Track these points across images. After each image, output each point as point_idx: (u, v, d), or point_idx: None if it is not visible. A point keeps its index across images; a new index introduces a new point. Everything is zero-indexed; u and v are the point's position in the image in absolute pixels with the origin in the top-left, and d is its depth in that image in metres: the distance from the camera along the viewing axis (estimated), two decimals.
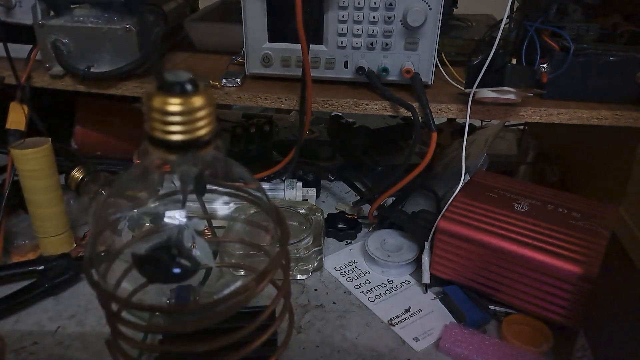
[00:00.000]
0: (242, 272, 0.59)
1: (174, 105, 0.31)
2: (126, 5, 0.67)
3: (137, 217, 0.47)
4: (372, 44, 0.63)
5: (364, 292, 0.63)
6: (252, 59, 0.67)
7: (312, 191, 0.78)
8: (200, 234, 0.37)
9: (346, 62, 0.65)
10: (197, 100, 0.31)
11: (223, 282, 0.53)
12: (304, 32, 0.59)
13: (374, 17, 0.62)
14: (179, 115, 0.31)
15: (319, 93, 0.65)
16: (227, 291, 0.35)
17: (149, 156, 0.34)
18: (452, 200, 0.63)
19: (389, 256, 0.66)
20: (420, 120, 0.63)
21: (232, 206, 0.51)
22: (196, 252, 0.37)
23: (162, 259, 0.35)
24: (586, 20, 0.62)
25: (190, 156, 0.33)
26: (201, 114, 0.32)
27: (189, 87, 0.31)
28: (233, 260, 0.60)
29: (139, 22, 0.62)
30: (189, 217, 0.37)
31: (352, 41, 0.64)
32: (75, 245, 0.67)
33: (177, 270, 0.35)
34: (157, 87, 0.31)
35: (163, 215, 0.40)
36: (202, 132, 0.32)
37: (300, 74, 0.62)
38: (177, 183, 0.36)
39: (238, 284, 0.36)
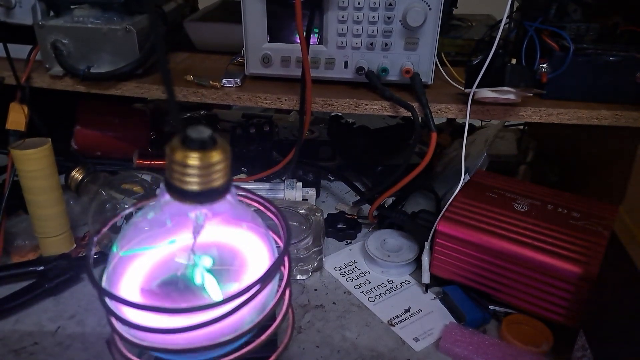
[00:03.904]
0: None
1: (194, 159, 0.33)
2: (126, 5, 0.67)
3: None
4: (371, 44, 0.63)
5: (364, 292, 0.63)
6: (252, 59, 0.67)
7: (312, 191, 0.78)
8: (210, 270, 0.39)
9: (346, 62, 0.65)
10: (215, 156, 0.34)
11: None
12: (304, 32, 0.59)
13: (373, 17, 0.62)
14: (197, 169, 0.34)
15: (318, 93, 0.65)
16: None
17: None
18: (452, 200, 0.63)
19: (389, 256, 0.66)
20: (420, 120, 0.63)
21: None
22: (205, 289, 0.38)
23: (172, 295, 0.38)
24: (586, 20, 0.62)
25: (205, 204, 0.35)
26: (218, 167, 0.34)
27: (209, 143, 0.34)
28: None
29: (149, 19, 0.61)
30: (198, 255, 0.39)
31: (351, 41, 0.64)
32: (75, 245, 0.67)
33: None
34: (180, 141, 0.33)
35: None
36: (218, 183, 0.35)
37: (300, 74, 0.62)
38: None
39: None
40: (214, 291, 0.38)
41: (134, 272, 0.40)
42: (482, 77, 0.58)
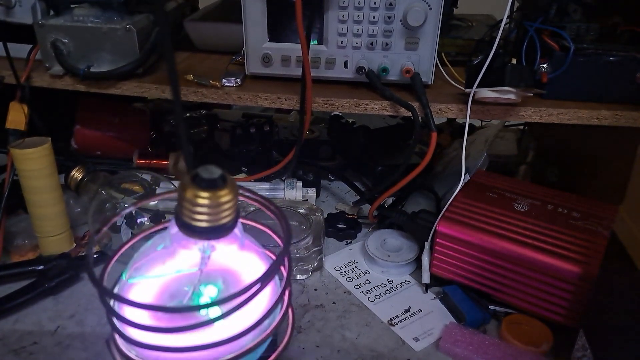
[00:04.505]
0: None
1: (204, 199, 0.35)
2: (126, 5, 0.67)
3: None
4: (372, 43, 0.63)
5: (364, 292, 0.63)
6: (252, 59, 0.67)
7: (312, 191, 0.78)
8: (214, 299, 0.39)
9: (346, 62, 0.65)
10: (225, 195, 0.35)
11: None
12: (304, 32, 0.59)
13: (374, 17, 0.62)
14: (207, 207, 0.35)
15: (319, 93, 0.65)
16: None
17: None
18: (452, 200, 0.63)
19: (389, 256, 0.66)
20: (420, 120, 0.63)
21: None
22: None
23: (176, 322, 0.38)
24: (586, 20, 0.62)
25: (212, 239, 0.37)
26: (226, 206, 0.36)
27: (219, 183, 0.35)
28: None
29: (155, 18, 0.61)
30: (204, 284, 0.39)
31: (352, 41, 0.64)
32: (75, 245, 0.67)
33: None
34: (191, 180, 0.35)
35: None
36: (226, 220, 0.36)
37: (301, 73, 0.62)
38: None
39: None
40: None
41: (139, 299, 0.40)
42: (483, 77, 0.58)
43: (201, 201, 0.34)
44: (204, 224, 0.35)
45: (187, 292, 0.38)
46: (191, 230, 0.36)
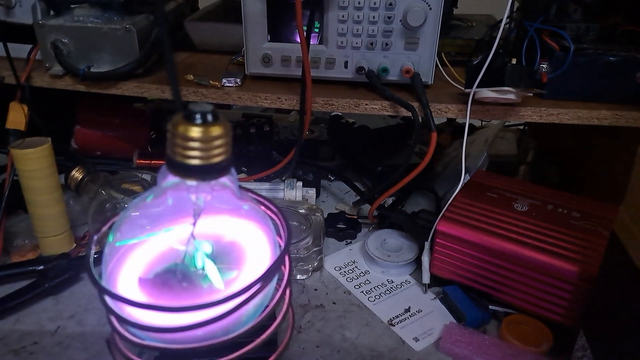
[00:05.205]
0: None
1: (196, 132, 0.34)
2: (126, 5, 0.67)
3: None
4: (372, 43, 0.63)
5: (364, 292, 0.63)
6: (252, 59, 0.67)
7: (312, 191, 0.78)
8: (210, 256, 0.38)
9: (346, 62, 0.65)
10: (217, 130, 0.34)
11: None
12: (304, 32, 0.59)
13: (374, 17, 0.62)
14: (200, 142, 0.34)
15: (319, 93, 0.65)
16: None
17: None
18: (452, 200, 0.63)
19: (389, 256, 0.66)
20: (420, 120, 0.63)
21: None
22: (206, 274, 0.38)
23: (171, 283, 0.38)
24: (586, 20, 0.62)
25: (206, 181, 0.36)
26: (219, 142, 0.35)
27: (210, 117, 0.34)
28: None
29: (155, 18, 0.61)
30: (198, 241, 0.39)
31: (352, 41, 0.64)
32: (75, 245, 0.67)
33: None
34: (183, 116, 0.34)
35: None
36: (219, 159, 0.35)
37: (300, 73, 0.62)
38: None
39: None
40: (215, 277, 0.38)
41: (131, 262, 0.39)
42: (482, 77, 0.58)
43: (194, 135, 0.34)
44: (197, 162, 0.34)
45: (179, 253, 0.38)
46: (184, 171, 0.35)
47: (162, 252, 0.40)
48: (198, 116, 0.34)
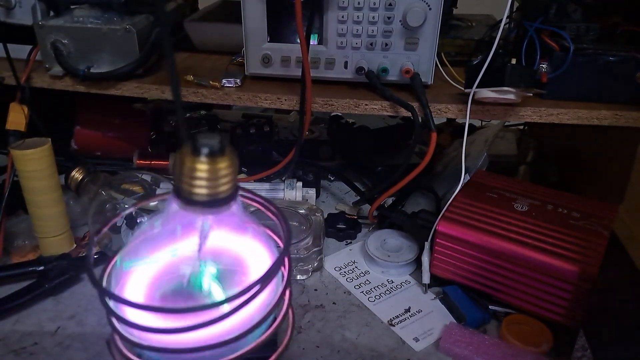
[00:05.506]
0: None
1: (203, 167, 0.35)
2: (126, 5, 0.67)
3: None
4: (371, 44, 0.63)
5: (364, 292, 0.63)
6: (252, 59, 0.67)
7: (312, 191, 0.78)
8: (215, 277, 0.39)
9: (346, 62, 0.65)
10: (223, 163, 0.35)
11: None
12: (304, 32, 0.59)
13: (373, 17, 0.62)
14: (207, 173, 0.35)
15: (318, 93, 0.65)
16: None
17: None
18: (452, 200, 0.63)
19: (389, 256, 0.66)
20: (420, 121, 0.63)
21: None
22: (211, 295, 0.39)
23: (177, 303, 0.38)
24: (586, 20, 0.62)
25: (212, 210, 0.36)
26: (225, 174, 0.35)
27: (218, 151, 0.35)
28: None
29: (155, 18, 0.61)
30: (204, 262, 0.39)
31: (351, 41, 0.64)
32: (75, 245, 0.67)
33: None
34: (190, 149, 0.35)
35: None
36: (225, 190, 0.36)
37: (300, 74, 0.62)
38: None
39: None
40: (220, 297, 0.38)
41: (137, 283, 0.40)
42: (482, 77, 0.58)
43: (201, 170, 0.34)
44: (203, 194, 0.35)
45: (185, 274, 0.38)
46: (191, 203, 0.36)
47: (167, 273, 0.40)
48: (205, 150, 0.34)
